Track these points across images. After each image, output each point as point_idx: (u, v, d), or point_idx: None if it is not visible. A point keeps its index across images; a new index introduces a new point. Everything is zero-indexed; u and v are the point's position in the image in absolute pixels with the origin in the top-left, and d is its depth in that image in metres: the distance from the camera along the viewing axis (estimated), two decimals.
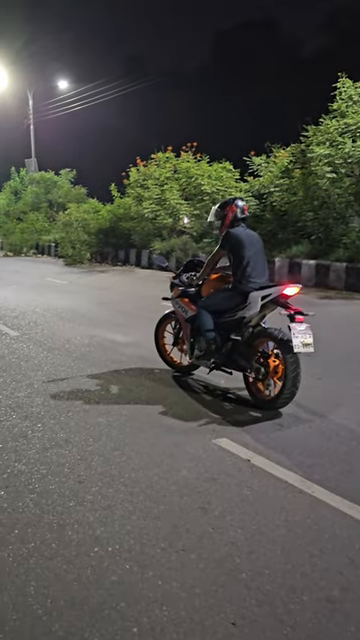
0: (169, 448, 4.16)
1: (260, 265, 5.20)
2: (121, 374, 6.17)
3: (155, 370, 6.27)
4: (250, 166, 16.88)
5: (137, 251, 22.05)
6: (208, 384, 5.74)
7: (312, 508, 3.28)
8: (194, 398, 5.34)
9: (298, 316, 4.68)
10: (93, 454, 4.08)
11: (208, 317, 5.25)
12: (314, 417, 4.77)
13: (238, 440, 4.28)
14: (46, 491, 3.54)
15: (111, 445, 4.24)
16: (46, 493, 3.51)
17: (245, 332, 5.07)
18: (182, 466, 3.86)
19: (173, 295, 5.92)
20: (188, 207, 19.61)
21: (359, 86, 13.55)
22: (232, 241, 5.15)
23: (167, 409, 5.01)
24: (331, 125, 13.44)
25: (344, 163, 12.88)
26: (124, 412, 4.95)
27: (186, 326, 5.66)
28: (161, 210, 19.75)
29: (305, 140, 14.34)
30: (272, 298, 4.87)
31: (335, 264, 12.98)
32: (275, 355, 4.88)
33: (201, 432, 4.47)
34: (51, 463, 3.94)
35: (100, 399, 5.31)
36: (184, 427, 4.58)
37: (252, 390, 5.04)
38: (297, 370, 4.67)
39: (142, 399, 5.30)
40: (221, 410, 5.00)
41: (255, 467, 3.82)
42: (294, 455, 4.01)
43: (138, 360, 6.72)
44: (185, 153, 20.74)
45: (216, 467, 3.84)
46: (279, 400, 4.77)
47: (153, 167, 21.53)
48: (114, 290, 14.85)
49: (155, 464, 3.90)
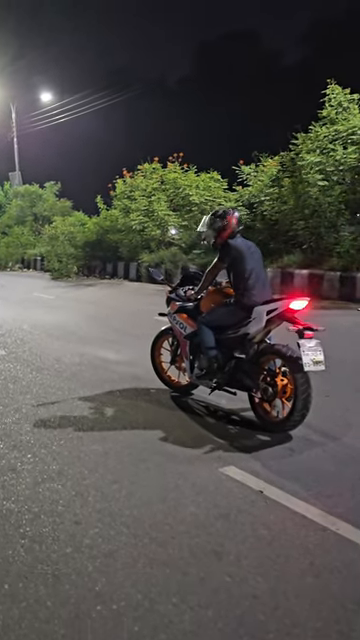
0: (173, 479, 3.80)
1: (262, 277, 4.89)
2: (115, 395, 5.81)
3: (151, 390, 5.91)
4: (239, 175, 16.65)
5: (125, 264, 21.68)
6: (209, 405, 5.39)
7: (339, 549, 2.93)
8: (195, 421, 4.98)
9: (307, 332, 4.36)
10: (89, 488, 3.71)
11: (209, 334, 4.91)
12: (326, 440, 4.43)
13: (247, 468, 3.93)
14: (39, 535, 3.16)
15: (109, 477, 3.87)
16: (39, 537, 3.14)
17: (250, 349, 4.74)
18: (189, 501, 3.50)
19: (170, 310, 5.57)
20: (176, 218, 19.32)
21: (348, 92, 13.39)
22: (233, 253, 4.83)
23: (167, 434, 4.65)
24: (321, 132, 13.25)
25: (335, 170, 12.67)
26: (121, 438, 4.58)
27: (185, 343, 5.32)
28: (149, 222, 19.44)
29: (295, 148, 14.13)
30: (278, 312, 4.54)
31: (329, 273, 12.72)
32: (283, 373, 4.55)
33: (206, 460, 4.11)
34: (44, 500, 3.56)
35: (94, 424, 4.93)
36: (187, 454, 4.22)
37: (258, 411, 4.70)
38: (308, 390, 4.33)
39: (139, 423, 4.93)
40: (226, 434, 4.65)
41: (269, 500, 3.47)
42: (310, 484, 3.66)
43: (132, 379, 6.36)
44: (172, 164, 20.49)
45: (226, 501, 3.48)
46: (289, 422, 4.43)
47: (140, 178, 21.25)
48: (103, 304, 14.48)
49: (159, 499, 3.54)
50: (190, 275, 5.74)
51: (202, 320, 4.98)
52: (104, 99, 37.58)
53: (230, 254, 4.84)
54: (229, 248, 4.86)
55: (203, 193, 18.71)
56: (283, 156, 14.75)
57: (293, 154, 14.21)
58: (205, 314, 5.03)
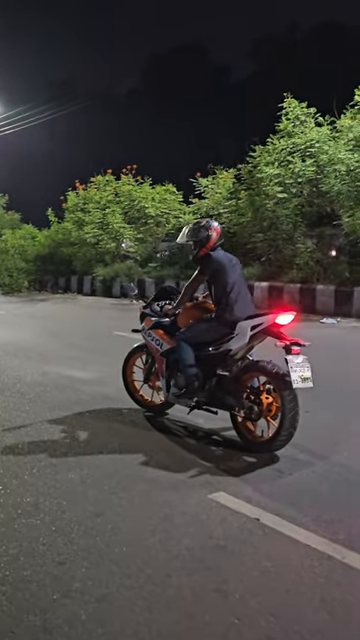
0: (161, 509, 3.56)
1: (243, 291, 4.73)
2: (86, 417, 5.51)
3: (123, 410, 5.65)
4: (196, 188, 16.59)
5: (79, 277, 21.30)
6: (187, 425, 5.17)
7: (350, 581, 2.76)
8: (175, 442, 4.75)
9: (295, 347, 4.21)
10: (71, 523, 3.42)
11: (189, 351, 4.70)
12: (314, 459, 4.28)
13: (238, 493, 3.73)
14: (21, 580, 2.86)
15: (91, 510, 3.59)
16: (21, 583, 2.83)
17: (232, 366, 4.55)
18: (181, 533, 3.27)
19: (144, 326, 5.34)
20: (132, 231, 19.11)
21: (305, 106, 13.55)
22: (214, 266, 4.66)
23: (147, 458, 4.40)
24: (279, 145, 13.34)
25: (294, 183, 12.75)
26: (98, 464, 4.31)
27: (161, 361, 5.09)
28: (103, 234, 19.16)
29: (252, 161, 14.18)
30: (263, 328, 4.38)
31: (288, 285, 12.77)
32: (267, 391, 4.38)
33: (193, 486, 3.89)
34: (21, 539, 3.25)
35: (67, 450, 4.63)
36: (172, 480, 3.99)
37: (241, 431, 4.52)
38: (296, 408, 4.18)
39: (116, 447, 4.66)
40: (209, 456, 4.44)
41: (267, 528, 3.27)
42: (306, 509, 3.49)
43: (102, 400, 6.07)
44: (125, 176, 20.30)
45: (221, 531, 3.26)
46: (275, 442, 4.26)
47: (93, 190, 20.97)
48: (58, 319, 14.09)
49: (149, 532, 3.29)
50: (166, 290, 5.53)
51: (181, 336, 4.77)
52: (51, 111, 37.10)
53: (211, 267, 4.66)
54: (210, 260, 4.69)
55: (159, 205, 18.59)
56: (240, 168, 14.79)
57: (251, 167, 14.25)
58: (184, 330, 4.82)
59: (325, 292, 12.17)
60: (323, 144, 12.59)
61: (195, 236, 4.83)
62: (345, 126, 12.53)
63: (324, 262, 12.93)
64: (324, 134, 12.88)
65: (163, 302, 5.31)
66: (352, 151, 11.91)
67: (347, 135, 12.22)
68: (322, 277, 12.58)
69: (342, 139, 12.45)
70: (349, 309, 11.57)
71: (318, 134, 12.79)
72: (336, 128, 13.15)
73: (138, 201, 18.99)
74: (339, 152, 11.94)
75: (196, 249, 4.86)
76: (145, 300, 5.59)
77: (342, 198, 12.26)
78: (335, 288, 12.02)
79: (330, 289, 12.10)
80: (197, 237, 4.82)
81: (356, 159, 11.63)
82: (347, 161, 11.73)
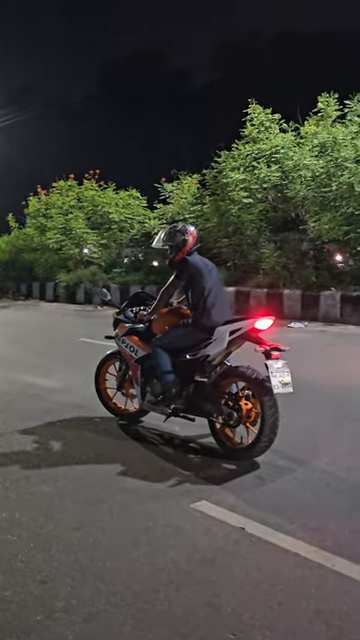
0: (143, 521, 3.45)
1: (221, 296, 4.67)
2: (57, 427, 5.35)
3: (96, 419, 5.51)
4: (161, 193, 16.53)
5: (41, 284, 20.94)
6: (162, 432, 5.06)
7: (344, 590, 2.70)
8: (152, 451, 4.64)
9: (274, 352, 4.16)
10: (50, 538, 3.28)
11: (165, 357, 4.60)
12: (295, 465, 4.24)
13: (221, 502, 3.64)
14: (1, 601, 2.71)
15: (69, 523, 3.45)
16: (1, 604, 2.68)
17: (211, 372, 4.48)
18: (165, 545, 3.16)
19: (118, 333, 5.22)
20: (95, 236, 18.90)
21: (270, 112, 13.65)
22: (191, 270, 4.58)
23: (124, 468, 4.28)
24: (245, 150, 13.40)
25: (259, 188, 12.82)
26: (73, 476, 4.16)
27: (135, 368, 4.98)
28: (66, 240, 18.89)
29: (217, 166, 14.20)
30: (242, 333, 4.32)
31: (255, 290, 12.81)
32: (246, 397, 4.32)
33: (174, 495, 3.79)
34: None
35: (41, 462, 4.47)
36: (152, 490, 3.88)
37: (220, 438, 4.44)
38: (276, 414, 4.13)
39: (91, 457, 4.52)
40: (188, 464, 4.34)
41: (254, 537, 3.20)
42: (292, 516, 3.43)
43: (73, 409, 5.91)
44: (88, 181, 20.09)
45: (207, 542, 3.17)
46: (255, 449, 4.19)
47: (55, 196, 20.67)
48: (22, 326, 13.80)
49: (132, 545, 3.18)
50: (139, 296, 5.43)
51: (157, 343, 4.67)
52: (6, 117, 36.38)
53: (188, 271, 4.59)
54: (187, 265, 4.61)
55: (123, 211, 18.45)
56: (205, 174, 14.80)
57: (216, 172, 14.28)
58: (160, 336, 4.72)
59: (292, 296, 12.25)
60: (288, 150, 12.71)
61: (171, 240, 4.75)
62: (309, 132, 12.69)
63: (290, 267, 13.03)
64: (289, 140, 13.00)
65: (137, 308, 5.21)
66: (317, 157, 12.06)
67: (312, 141, 12.36)
68: (288, 282, 12.67)
69: (307, 145, 12.60)
70: (316, 313, 11.68)
71: (283, 140, 12.90)
72: (300, 134, 13.30)
73: (101, 206, 18.81)
74: (304, 158, 12.07)
75: (172, 253, 4.78)
76: (118, 306, 5.47)
77: (307, 203, 12.39)
78: (302, 292, 12.12)
79: (297, 293, 12.19)
80: (173, 241, 4.74)
81: (321, 165, 11.77)
82: (312, 167, 11.85)
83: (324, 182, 11.80)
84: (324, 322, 11.54)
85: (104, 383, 5.55)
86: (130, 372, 5.12)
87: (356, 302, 11.27)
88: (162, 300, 4.81)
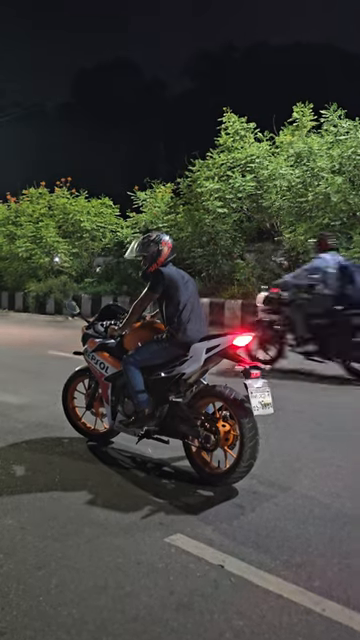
0: (113, 558, 3.14)
1: (197, 310, 4.40)
2: (22, 449, 5.01)
3: (64, 440, 5.18)
4: (134, 201, 16.25)
5: (10, 293, 20.44)
6: (134, 455, 4.77)
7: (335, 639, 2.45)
8: (123, 476, 4.34)
9: (254, 371, 3.91)
10: (9, 580, 2.95)
11: (138, 375, 4.31)
12: (275, 491, 3.98)
13: (197, 535, 3.36)
14: None
15: (31, 561, 3.13)
16: None
17: (186, 392, 4.20)
18: (138, 587, 2.86)
19: (87, 348, 4.91)
20: (66, 245, 18.52)
21: (244, 121, 13.51)
22: (166, 282, 4.31)
23: (93, 496, 3.97)
24: (219, 160, 13.22)
25: (234, 198, 12.64)
26: (38, 506, 3.83)
27: (106, 386, 4.68)
28: (37, 249, 18.46)
29: (191, 175, 14.00)
30: (219, 350, 4.06)
31: (230, 302, 12.59)
32: (223, 418, 4.05)
33: (147, 528, 3.49)
34: None
35: (2, 489, 4.12)
36: (123, 522, 3.57)
37: (196, 461, 4.16)
38: (256, 437, 3.86)
39: (57, 484, 4.20)
40: (161, 491, 4.05)
41: (234, 576, 2.92)
42: (274, 551, 3.17)
43: (38, 428, 5.57)
44: (59, 189, 19.71)
45: (183, 583, 2.88)
46: (234, 474, 3.92)
47: (26, 203, 20.24)
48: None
49: (99, 587, 2.87)
50: (110, 309, 5.13)
51: (128, 359, 4.37)
52: None
53: (162, 283, 4.31)
54: (161, 276, 4.33)
55: (95, 219, 18.12)
56: (179, 183, 14.59)
57: (189, 181, 14.07)
58: (132, 352, 4.42)
59: None
60: (263, 159, 12.57)
61: (145, 250, 4.48)
62: (285, 142, 12.58)
63: (265, 277, 12.85)
64: (264, 149, 12.87)
65: (108, 322, 4.91)
66: (293, 167, 11.94)
67: (287, 151, 12.25)
68: None
69: (282, 155, 12.48)
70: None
71: (258, 149, 12.76)
72: (275, 144, 13.19)
73: (73, 214, 18.45)
74: (280, 167, 11.93)
75: (146, 265, 4.51)
76: (88, 320, 5.16)
77: (283, 214, 12.26)
78: None
79: None
80: (147, 252, 4.47)
81: (297, 175, 11.64)
82: (288, 176, 11.72)
83: (300, 192, 11.68)
84: None
85: (72, 401, 5.23)
86: (100, 390, 4.81)
87: None
88: (134, 314, 4.52)
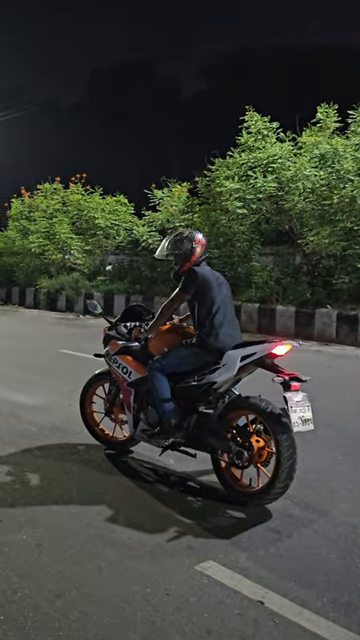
0: (138, 586, 2.83)
1: (230, 315, 4.10)
2: (35, 455, 4.71)
3: (80, 447, 4.88)
4: (151, 200, 15.95)
5: (21, 289, 20.18)
6: (156, 467, 4.46)
7: None
8: (145, 490, 4.03)
9: (294, 383, 3.59)
10: (25, 608, 2.66)
11: (164, 382, 4.01)
12: (313, 515, 3.65)
13: (231, 564, 3.04)
14: None
15: (49, 587, 2.83)
16: None
17: (218, 402, 3.89)
18: (169, 624, 2.55)
19: (109, 351, 4.60)
20: (80, 242, 18.24)
21: (268, 120, 13.18)
22: (199, 282, 4.01)
23: (113, 512, 3.66)
24: (239, 159, 12.89)
25: (254, 198, 12.31)
26: (55, 522, 3.54)
27: (128, 392, 4.37)
28: (50, 244, 18.18)
29: (210, 174, 13.68)
30: (256, 359, 3.74)
31: (247, 305, 12.26)
32: (257, 432, 3.74)
33: (175, 553, 3.17)
34: None
35: (15, 500, 3.83)
36: (148, 545, 3.26)
37: (225, 478, 3.84)
38: (294, 456, 3.54)
39: (74, 497, 3.90)
40: (188, 509, 3.74)
41: (276, 616, 2.60)
42: (319, 586, 2.84)
43: (53, 432, 5.28)
44: (74, 185, 19.44)
45: (220, 622, 2.57)
46: (268, 496, 3.60)
47: (40, 198, 19.98)
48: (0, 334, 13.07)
49: (128, 623, 2.56)
50: (133, 309, 4.82)
51: (155, 365, 4.06)
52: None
53: (196, 283, 4.01)
54: (195, 276, 4.03)
55: (109, 217, 17.82)
56: (197, 182, 14.27)
57: (208, 180, 13.75)
58: (159, 357, 4.11)
59: (285, 313, 11.71)
60: (286, 160, 12.24)
61: (177, 249, 4.18)
62: (309, 143, 12.24)
63: (283, 282, 12.52)
64: (287, 150, 12.53)
65: (132, 323, 4.60)
66: (317, 168, 11.60)
67: (312, 152, 11.91)
68: (281, 297, 12.15)
69: (306, 156, 12.14)
70: (310, 331, 11.14)
71: (281, 149, 12.43)
72: (298, 145, 12.86)
73: (87, 211, 18.16)
74: (304, 168, 11.59)
75: (178, 264, 4.21)
76: (110, 320, 4.86)
77: (305, 216, 11.92)
78: (296, 309, 11.60)
79: (290, 310, 11.65)
80: (179, 250, 4.17)
81: (322, 177, 11.31)
82: (312, 178, 11.38)
83: (324, 194, 11.33)
84: (319, 341, 11.01)
85: (91, 406, 4.93)
86: (121, 396, 4.51)
87: (353, 322, 10.75)
88: (163, 316, 4.21)
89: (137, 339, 4.39)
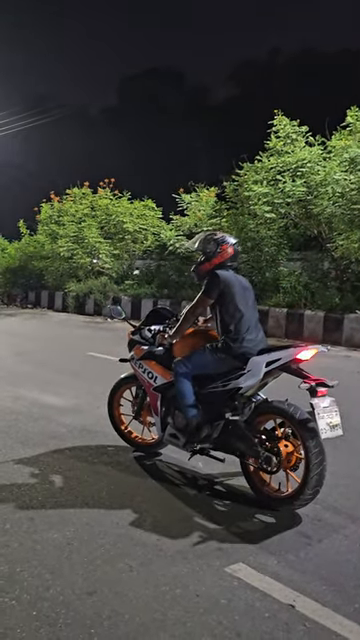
0: (170, 588, 2.85)
1: (255, 321, 4.09)
2: (66, 456, 4.77)
3: (109, 449, 4.93)
4: (179, 204, 16.02)
5: (50, 293, 20.41)
6: (184, 470, 4.47)
7: None
8: (173, 493, 4.04)
9: (321, 388, 3.57)
10: (57, 605, 2.70)
11: (189, 387, 4.02)
12: (343, 521, 3.63)
13: (261, 567, 3.05)
14: None
15: (81, 585, 2.87)
16: None
17: (245, 408, 3.89)
18: (200, 624, 2.57)
19: (134, 355, 4.63)
20: (108, 246, 18.39)
21: (297, 124, 13.14)
22: (221, 287, 4.01)
23: (142, 514, 3.69)
24: (268, 163, 12.87)
25: (283, 203, 12.27)
26: (85, 521, 3.58)
27: (155, 396, 4.39)
28: (78, 249, 18.36)
29: (238, 179, 13.68)
30: (282, 364, 3.74)
31: (274, 310, 12.21)
32: (285, 437, 3.73)
33: (204, 555, 3.19)
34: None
35: (46, 499, 3.89)
36: (177, 546, 3.28)
37: (254, 482, 3.84)
38: (323, 462, 3.52)
39: (104, 497, 3.94)
40: (217, 513, 3.75)
41: (308, 620, 2.60)
42: (350, 591, 2.83)
43: (81, 433, 5.33)
44: (103, 189, 19.62)
45: (251, 625, 2.57)
46: (297, 501, 3.58)
47: (69, 203, 20.20)
48: (29, 337, 13.22)
49: (158, 623, 2.58)
50: (157, 312, 4.83)
51: (179, 368, 4.07)
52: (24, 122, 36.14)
53: (218, 287, 4.01)
54: (217, 280, 4.03)
55: (137, 221, 17.94)
56: (225, 186, 14.27)
57: (236, 185, 13.75)
58: (184, 360, 4.10)
59: (313, 318, 11.63)
60: (315, 164, 12.18)
61: (203, 247, 4.21)
62: (338, 147, 12.16)
63: (311, 287, 12.44)
64: (316, 154, 12.47)
65: (156, 327, 4.62)
66: (347, 172, 11.51)
67: (341, 156, 11.82)
68: (310, 302, 12.07)
69: (335, 160, 12.06)
70: (339, 337, 11.05)
71: (310, 154, 12.37)
72: (327, 149, 12.79)
73: (115, 216, 18.31)
74: (334, 173, 11.52)
75: (200, 262, 4.24)
76: (134, 325, 4.88)
77: (335, 220, 11.83)
78: (324, 314, 11.52)
79: (319, 315, 11.57)
80: (204, 249, 4.20)
81: (352, 181, 11.21)
82: (342, 182, 11.30)
83: (354, 198, 11.23)
84: (347, 347, 10.91)
85: (118, 409, 4.96)
86: (148, 399, 4.54)
87: None
88: (187, 322, 4.21)
89: (161, 344, 4.41)
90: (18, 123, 34.04)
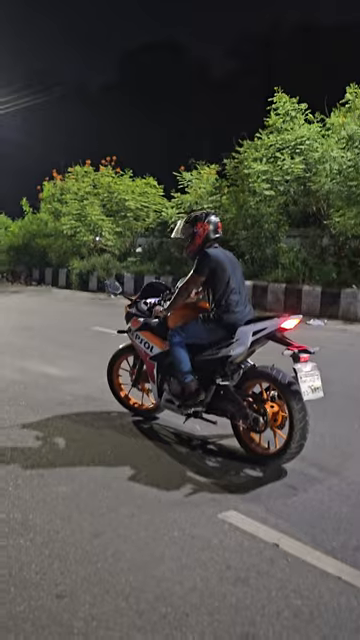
0: (167, 530, 3.18)
1: (244, 293, 4.38)
2: (72, 420, 5.09)
3: (112, 414, 5.25)
4: (180, 182, 16.18)
5: (53, 270, 20.69)
6: (179, 432, 4.79)
7: None
8: (170, 453, 4.37)
9: (303, 354, 3.87)
10: (67, 545, 3.02)
11: (184, 355, 4.31)
12: (327, 475, 3.95)
13: (251, 512, 3.37)
14: (13, 616, 2.45)
15: (87, 529, 3.19)
16: (14, 622, 2.42)
17: (234, 374, 4.20)
18: (193, 560, 2.89)
19: (131, 327, 4.93)
20: (110, 223, 18.59)
21: (296, 102, 13.25)
22: (212, 265, 4.28)
23: (144, 470, 4.01)
24: (267, 141, 13.01)
25: (282, 180, 12.44)
26: (91, 476, 3.90)
27: (151, 365, 4.69)
28: (81, 226, 18.58)
29: (238, 156, 13.82)
30: (266, 333, 4.04)
31: (273, 285, 12.48)
32: (271, 399, 4.04)
33: (200, 503, 3.51)
34: (11, 565, 2.84)
35: (55, 458, 4.21)
36: (175, 496, 3.61)
37: (245, 441, 4.16)
38: (305, 418, 3.85)
39: (108, 456, 4.26)
40: (210, 469, 4.07)
41: (290, 556, 2.92)
42: (330, 533, 3.15)
43: (87, 401, 5.66)
44: (104, 167, 19.75)
45: (239, 559, 2.90)
46: (284, 455, 3.91)
47: (71, 181, 20.35)
48: (34, 313, 13.54)
49: (156, 558, 2.91)
50: (152, 286, 5.12)
51: (174, 338, 4.37)
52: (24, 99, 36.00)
53: (209, 265, 4.28)
54: (207, 259, 4.29)
55: (139, 199, 18.12)
56: (225, 164, 14.42)
57: (236, 162, 13.90)
58: (178, 329, 4.40)
59: (311, 293, 11.92)
60: (314, 141, 12.32)
61: (183, 233, 4.49)
62: (337, 124, 12.28)
63: (310, 262, 12.68)
64: (314, 131, 12.60)
65: (151, 300, 4.91)
66: (345, 149, 11.67)
67: (339, 133, 11.96)
68: (307, 277, 12.33)
69: (333, 137, 12.20)
70: (335, 311, 11.34)
71: (308, 131, 12.51)
72: (326, 126, 12.91)
73: (117, 193, 18.49)
74: (331, 150, 11.67)
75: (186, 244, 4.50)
76: (130, 298, 5.16)
77: (332, 197, 12.02)
78: (321, 289, 11.79)
79: (316, 290, 11.85)
80: (184, 235, 4.47)
81: (349, 158, 11.38)
82: (339, 160, 11.46)
83: (351, 175, 11.40)
84: (344, 320, 11.21)
85: (118, 378, 5.28)
86: (145, 368, 4.84)
87: None
88: (180, 297, 4.48)
89: (156, 317, 4.70)
90: (18, 101, 33.94)
